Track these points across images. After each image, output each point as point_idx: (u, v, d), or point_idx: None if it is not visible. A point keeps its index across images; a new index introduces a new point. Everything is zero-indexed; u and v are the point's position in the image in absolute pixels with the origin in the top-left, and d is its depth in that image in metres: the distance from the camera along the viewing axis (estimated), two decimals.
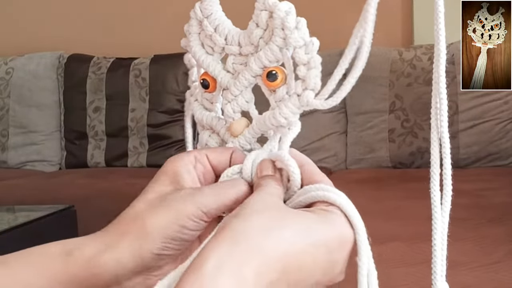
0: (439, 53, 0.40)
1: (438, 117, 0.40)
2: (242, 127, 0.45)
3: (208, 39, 0.47)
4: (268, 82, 0.44)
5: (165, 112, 2.43)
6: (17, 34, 2.85)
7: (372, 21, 0.40)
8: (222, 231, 0.34)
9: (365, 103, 2.21)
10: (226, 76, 0.46)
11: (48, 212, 1.53)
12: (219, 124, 0.47)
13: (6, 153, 2.57)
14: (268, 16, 0.43)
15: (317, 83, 0.42)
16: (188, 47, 0.48)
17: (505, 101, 2.09)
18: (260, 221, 0.35)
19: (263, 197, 0.39)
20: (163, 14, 2.66)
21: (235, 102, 0.45)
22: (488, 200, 1.56)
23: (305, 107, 0.43)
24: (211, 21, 0.46)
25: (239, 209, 0.37)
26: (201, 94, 0.49)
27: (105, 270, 0.39)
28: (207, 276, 0.31)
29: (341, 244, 0.37)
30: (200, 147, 0.48)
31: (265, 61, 0.43)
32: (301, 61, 0.42)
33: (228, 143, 0.46)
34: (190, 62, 0.50)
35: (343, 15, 2.42)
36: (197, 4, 0.46)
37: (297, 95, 0.43)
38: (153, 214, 0.40)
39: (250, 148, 0.45)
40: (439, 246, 0.41)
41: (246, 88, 0.45)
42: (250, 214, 0.36)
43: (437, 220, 0.41)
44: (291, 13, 0.42)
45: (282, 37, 0.42)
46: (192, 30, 0.47)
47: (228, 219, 0.36)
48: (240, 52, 0.45)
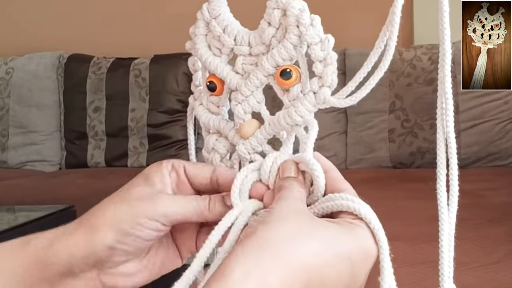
0: (444, 52, 0.40)
1: (444, 117, 0.40)
2: (253, 129, 0.45)
3: (216, 41, 0.46)
4: (282, 80, 0.43)
5: (165, 112, 2.43)
6: (17, 34, 2.84)
7: (398, 24, 0.40)
8: (249, 239, 0.34)
9: (365, 103, 2.21)
10: (236, 77, 0.45)
11: (48, 212, 1.53)
12: (227, 127, 0.46)
13: (6, 153, 2.57)
14: (281, 15, 0.42)
15: (334, 80, 0.42)
16: (193, 50, 0.47)
17: (505, 101, 2.09)
18: (287, 229, 0.35)
19: (289, 202, 0.38)
20: (163, 14, 2.66)
21: (246, 103, 0.45)
22: (488, 200, 1.56)
23: (322, 104, 0.42)
24: (219, 22, 0.45)
25: (267, 215, 0.37)
26: (206, 98, 0.48)
27: (59, 258, 0.40)
28: (234, 284, 0.32)
29: (364, 258, 0.37)
30: (206, 151, 0.48)
31: (278, 59, 0.43)
32: (317, 58, 0.42)
33: (238, 146, 0.45)
34: (194, 66, 0.49)
35: (347, 15, 2.42)
36: (205, 5, 0.46)
37: (313, 92, 0.42)
38: (112, 206, 0.41)
39: (261, 150, 0.45)
40: (446, 248, 0.41)
41: (257, 89, 0.45)
42: (277, 221, 0.36)
43: (444, 221, 0.41)
44: (305, 10, 0.42)
45: (296, 34, 0.42)
46: (199, 32, 0.47)
47: (255, 225, 0.36)
48: (250, 53, 0.45)
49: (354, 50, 2.22)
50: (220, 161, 0.47)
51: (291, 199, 0.39)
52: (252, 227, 0.36)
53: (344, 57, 2.23)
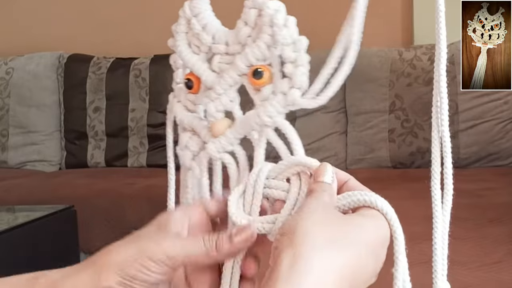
0: (440, 52, 0.40)
1: (439, 115, 0.40)
2: (224, 127, 0.44)
3: (195, 38, 0.46)
4: (253, 80, 0.43)
5: (165, 112, 2.38)
6: (17, 34, 2.84)
7: (360, 19, 0.39)
8: (278, 267, 0.34)
9: (365, 103, 2.21)
10: (211, 75, 0.45)
11: (48, 212, 1.53)
12: (200, 125, 0.46)
13: (6, 153, 2.57)
14: (257, 14, 0.42)
15: (303, 81, 0.41)
16: (174, 47, 0.48)
17: (505, 101, 2.09)
18: (320, 240, 0.35)
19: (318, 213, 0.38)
20: (163, 14, 2.65)
21: (219, 101, 0.45)
22: (488, 200, 1.56)
23: (291, 106, 0.42)
24: (199, 20, 0.45)
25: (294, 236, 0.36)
26: (184, 95, 0.48)
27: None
28: None
29: (384, 243, 0.39)
30: (180, 149, 0.47)
31: (251, 59, 0.43)
32: (288, 58, 0.42)
33: (208, 144, 0.45)
34: (175, 63, 0.49)
35: (339, 14, 2.42)
36: (187, 3, 0.46)
37: (283, 93, 0.42)
38: (119, 248, 0.41)
39: (232, 149, 0.44)
40: (440, 245, 0.41)
41: (231, 87, 0.44)
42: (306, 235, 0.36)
43: (438, 219, 0.41)
44: (280, 11, 0.42)
45: (270, 34, 0.42)
46: (180, 29, 0.47)
47: (287, 243, 0.35)
48: (227, 52, 0.45)
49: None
50: (191, 159, 0.47)
51: (314, 205, 0.38)
52: (282, 245, 0.36)
53: None
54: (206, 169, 0.46)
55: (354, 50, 0.39)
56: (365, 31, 0.40)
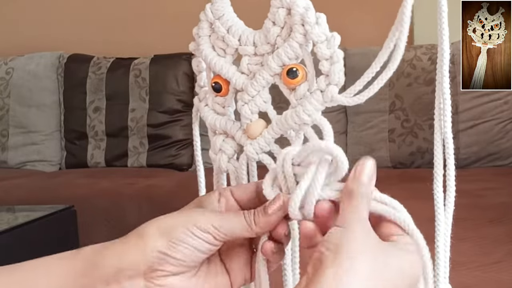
0: (443, 52, 0.40)
1: (442, 117, 0.40)
2: (260, 128, 0.45)
3: (220, 41, 0.46)
4: (288, 79, 0.43)
5: (165, 112, 2.43)
6: (17, 34, 2.84)
7: (408, 24, 0.40)
8: (320, 279, 0.35)
9: (365, 103, 2.19)
10: (241, 78, 0.45)
11: (48, 212, 1.53)
12: (234, 127, 0.46)
13: (6, 153, 2.57)
14: (286, 13, 0.42)
15: (341, 78, 0.42)
16: (197, 51, 0.47)
17: (505, 101, 2.09)
18: (362, 265, 0.36)
19: (363, 237, 0.38)
20: (163, 14, 2.66)
21: (253, 102, 0.45)
22: (488, 200, 1.56)
23: (329, 102, 0.42)
24: (223, 22, 0.45)
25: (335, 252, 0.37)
26: (212, 99, 0.47)
27: (108, 262, 0.41)
28: None
29: (413, 282, 0.39)
30: (213, 152, 0.47)
31: (284, 58, 0.43)
32: (323, 56, 0.42)
33: (245, 146, 0.45)
34: (198, 67, 0.49)
35: (348, 14, 2.42)
36: (208, 6, 0.46)
37: (321, 91, 0.42)
38: (165, 219, 0.42)
39: (269, 149, 0.45)
40: (442, 248, 0.41)
41: (264, 88, 0.44)
42: (350, 259, 0.36)
43: (440, 221, 0.41)
44: (310, 8, 0.41)
45: (302, 33, 0.42)
46: (203, 32, 0.46)
47: (328, 264, 0.36)
48: (255, 52, 0.44)
49: (355, 50, 2.21)
50: (227, 162, 0.47)
51: (360, 226, 0.39)
52: (327, 260, 0.36)
53: (345, 56, 2.22)
54: (246, 171, 0.47)
55: (400, 55, 0.40)
56: (364, 31, 0.40)
